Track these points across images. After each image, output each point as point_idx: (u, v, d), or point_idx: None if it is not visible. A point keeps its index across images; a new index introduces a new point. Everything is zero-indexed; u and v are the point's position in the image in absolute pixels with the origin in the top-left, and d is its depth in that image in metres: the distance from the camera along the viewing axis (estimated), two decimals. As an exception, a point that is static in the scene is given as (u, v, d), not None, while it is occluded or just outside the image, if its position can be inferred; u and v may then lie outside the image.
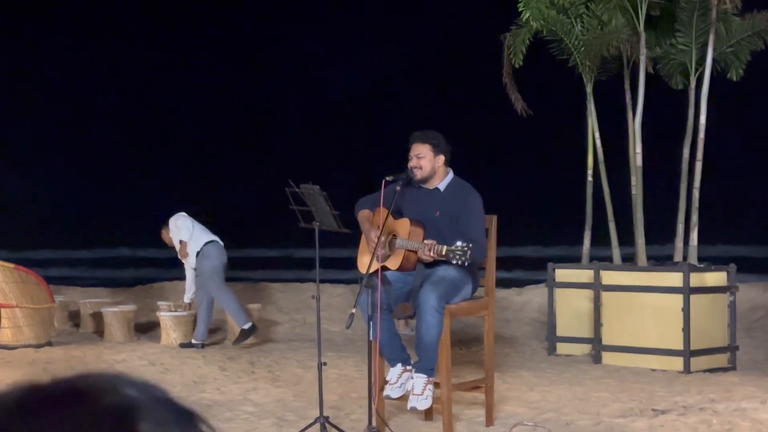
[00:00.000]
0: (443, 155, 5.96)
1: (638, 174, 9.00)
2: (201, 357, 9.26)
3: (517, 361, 9.10)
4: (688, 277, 8.33)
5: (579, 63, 9.31)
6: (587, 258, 9.61)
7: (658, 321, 8.48)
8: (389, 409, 6.30)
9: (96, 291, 13.44)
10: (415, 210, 5.90)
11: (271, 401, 7.15)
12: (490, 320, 6.11)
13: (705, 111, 8.88)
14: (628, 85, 9.33)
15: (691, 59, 9.04)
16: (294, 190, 6.01)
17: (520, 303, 12.54)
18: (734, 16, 8.99)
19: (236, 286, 13.26)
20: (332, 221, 5.95)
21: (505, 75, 9.68)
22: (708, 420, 6.25)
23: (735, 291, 8.74)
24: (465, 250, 5.42)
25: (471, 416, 6.37)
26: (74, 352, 9.74)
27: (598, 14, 9.14)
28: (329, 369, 8.40)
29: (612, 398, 7.12)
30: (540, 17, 9.13)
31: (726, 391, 7.34)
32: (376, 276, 5.62)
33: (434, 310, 5.62)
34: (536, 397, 7.19)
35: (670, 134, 9.56)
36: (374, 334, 5.64)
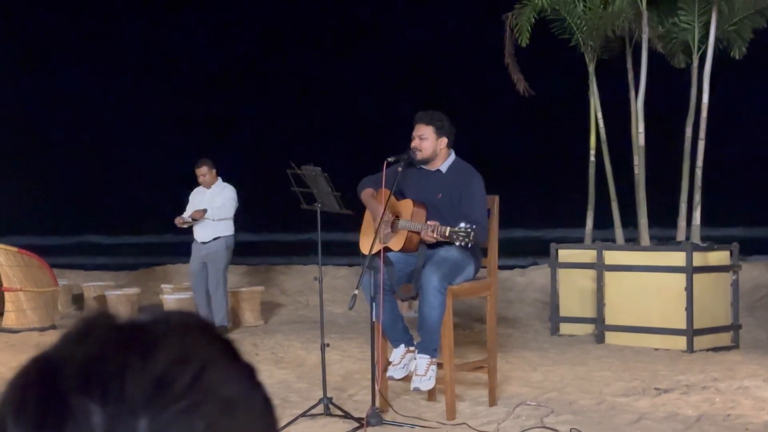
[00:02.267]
0: (446, 137, 5.94)
1: (641, 153, 8.98)
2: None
3: (520, 342, 9.11)
4: (691, 256, 8.32)
5: (581, 42, 9.27)
6: (590, 238, 9.60)
7: (661, 300, 8.48)
8: (393, 389, 6.32)
9: (100, 274, 13.45)
10: (417, 191, 5.90)
11: (275, 383, 7.16)
12: (492, 301, 6.11)
13: (707, 90, 8.85)
14: (631, 64, 9.28)
15: (693, 38, 9.00)
16: (295, 171, 6.00)
17: (523, 284, 12.55)
18: (737, -6, 8.94)
19: (239, 269, 13.31)
20: (334, 202, 5.95)
21: (507, 55, 9.63)
22: (711, 398, 6.26)
23: (738, 270, 8.73)
24: (468, 231, 5.42)
25: (474, 396, 6.38)
26: (78, 335, 9.75)
27: (600, -7, 9.09)
28: (332, 350, 8.43)
29: (615, 377, 7.13)
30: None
31: (729, 369, 7.35)
32: (378, 257, 5.62)
33: (436, 290, 5.62)
34: (539, 377, 7.20)
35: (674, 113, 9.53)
36: (377, 315, 5.65)
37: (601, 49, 9.34)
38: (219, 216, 9.61)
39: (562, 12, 9.17)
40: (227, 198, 9.69)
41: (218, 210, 9.61)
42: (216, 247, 9.57)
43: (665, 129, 9.90)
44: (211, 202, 9.66)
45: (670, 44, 9.30)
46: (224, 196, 9.72)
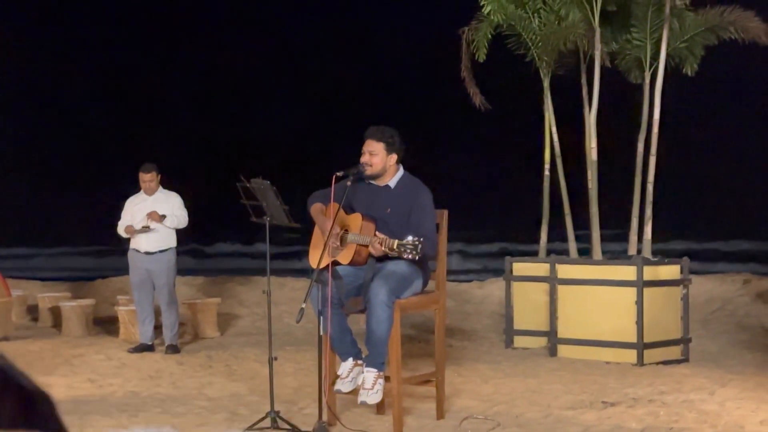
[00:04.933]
0: (396, 154, 5.97)
1: (593, 168, 9.09)
2: (159, 352, 9.24)
3: (474, 354, 9.17)
4: (642, 270, 8.42)
5: (536, 57, 9.38)
6: (544, 252, 9.69)
7: (612, 314, 8.57)
8: (342, 403, 6.33)
9: (56, 285, 13.35)
10: (366, 206, 5.92)
11: (226, 396, 7.16)
12: (441, 314, 6.15)
13: (659, 105, 8.98)
14: (585, 79, 9.40)
15: (645, 54, 9.14)
16: (245, 184, 6.01)
17: (480, 296, 12.63)
18: (688, 12, 9.10)
19: (197, 280, 13.27)
20: (283, 216, 5.96)
21: (464, 69, 9.74)
22: (655, 412, 6.33)
23: (688, 284, 8.85)
24: (416, 244, 5.45)
25: (423, 410, 6.41)
26: (31, 346, 9.69)
27: (555, 9, 9.22)
28: (286, 363, 8.46)
29: (564, 390, 7.20)
30: (500, 11, 9.18)
31: (677, 382, 7.44)
32: (327, 271, 5.64)
33: (384, 304, 5.64)
34: (489, 390, 7.25)
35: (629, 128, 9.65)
36: (325, 329, 5.67)
37: (556, 65, 9.45)
38: (180, 225, 9.22)
39: (517, 27, 9.28)
40: (181, 206, 9.25)
41: (178, 219, 9.17)
42: (164, 260, 9.17)
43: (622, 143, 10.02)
44: (153, 210, 9.11)
45: (624, 60, 9.43)
46: (174, 204, 9.23)
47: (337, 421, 5.96)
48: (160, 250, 9.21)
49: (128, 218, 9.27)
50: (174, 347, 9.23)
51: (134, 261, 9.28)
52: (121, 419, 6.32)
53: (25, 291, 12.19)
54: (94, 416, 6.42)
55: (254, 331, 10.87)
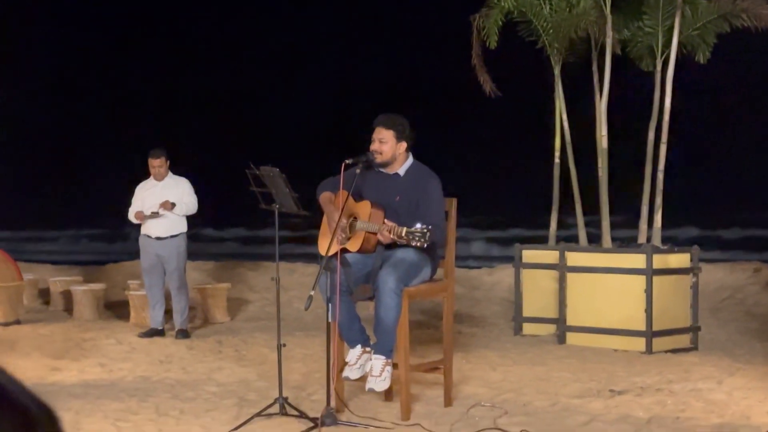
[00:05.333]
0: (405, 142, 5.98)
1: (604, 156, 9.06)
2: (169, 336, 9.29)
3: (483, 341, 9.18)
4: (651, 258, 8.41)
5: (547, 45, 9.34)
6: (554, 239, 9.68)
7: (621, 302, 8.57)
8: (350, 389, 6.37)
9: (68, 269, 13.43)
10: (375, 194, 5.93)
11: (235, 381, 7.20)
12: (449, 302, 6.16)
13: (670, 93, 8.94)
14: (596, 67, 9.37)
15: (657, 42, 9.09)
16: (254, 172, 6.03)
17: (490, 283, 12.64)
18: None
19: (207, 265, 13.32)
20: (292, 203, 5.98)
21: (474, 56, 9.70)
22: (663, 401, 6.35)
23: (698, 272, 8.83)
24: (424, 232, 5.47)
25: (431, 397, 6.43)
26: (42, 330, 9.76)
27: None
28: (295, 348, 8.50)
29: (572, 378, 7.21)
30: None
31: (685, 371, 7.44)
32: (335, 258, 5.66)
33: (392, 292, 5.66)
34: (498, 378, 7.27)
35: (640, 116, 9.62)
36: (333, 316, 5.69)
37: (567, 52, 9.41)
38: (189, 212, 9.26)
39: (528, 14, 9.24)
40: (190, 193, 9.27)
41: (187, 206, 9.22)
42: (175, 245, 9.20)
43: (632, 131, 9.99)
44: (163, 196, 9.15)
45: (636, 48, 9.38)
46: (184, 190, 9.25)
47: (345, 407, 6.00)
48: (171, 235, 9.24)
49: (138, 204, 9.29)
50: (184, 332, 9.28)
51: (145, 246, 9.31)
52: (131, 404, 6.37)
53: (37, 275, 12.26)
54: (104, 401, 6.47)
55: (264, 316, 10.90)
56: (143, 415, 6.06)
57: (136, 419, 5.95)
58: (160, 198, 9.18)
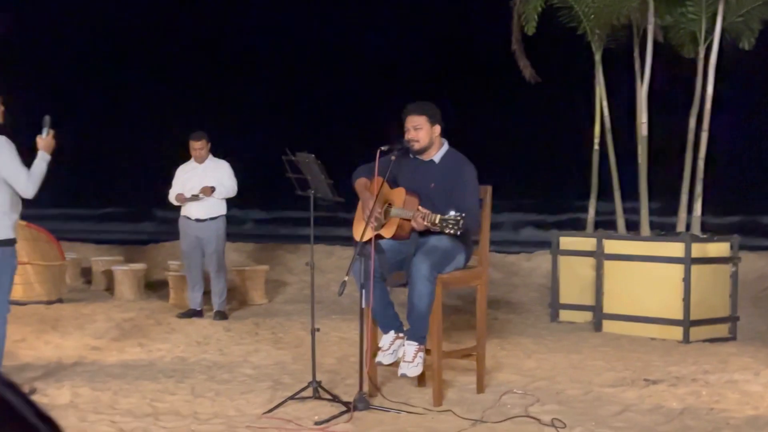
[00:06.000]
0: (439, 125, 6.00)
1: (643, 144, 8.99)
2: (208, 317, 9.40)
3: (519, 328, 9.18)
4: (690, 247, 8.35)
5: (589, 31, 9.27)
6: (592, 226, 9.64)
7: (659, 291, 8.52)
8: (383, 374, 6.41)
9: (110, 249, 13.61)
10: (411, 181, 5.95)
11: (271, 363, 7.28)
12: (483, 290, 6.17)
13: (713, 81, 8.84)
14: (638, 53, 9.28)
15: (700, 28, 8.99)
16: (290, 158, 6.07)
17: (528, 269, 12.62)
18: (746, -15, 8.92)
19: (247, 246, 13.43)
20: (327, 190, 6.02)
21: (515, 42, 9.67)
22: (698, 391, 6.31)
23: (737, 262, 8.75)
24: (458, 219, 5.47)
25: (464, 383, 6.45)
26: (84, 309, 9.92)
27: (608, -19, 9.08)
28: (331, 332, 8.57)
29: (607, 367, 7.19)
30: (553, -17, 9.09)
31: (721, 362, 7.39)
32: (370, 244, 5.69)
33: (426, 279, 5.69)
34: (532, 365, 7.27)
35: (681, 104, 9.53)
36: (367, 302, 5.73)
37: (608, 38, 9.34)
38: (229, 195, 9.34)
39: (569, 0, 9.16)
40: (230, 176, 9.34)
41: (227, 189, 9.30)
42: (214, 227, 9.27)
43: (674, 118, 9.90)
44: (203, 178, 9.24)
45: (678, 34, 9.29)
46: (224, 173, 9.33)
47: (377, 392, 6.04)
48: (211, 217, 9.33)
49: (179, 187, 9.38)
50: (222, 314, 9.38)
51: (184, 228, 9.41)
52: (168, 384, 6.47)
53: (79, 254, 12.44)
54: (141, 381, 6.58)
55: (302, 298, 10.98)
56: (179, 396, 6.15)
57: (173, 399, 6.05)
58: (201, 180, 9.26)
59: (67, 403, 5.93)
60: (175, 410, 5.80)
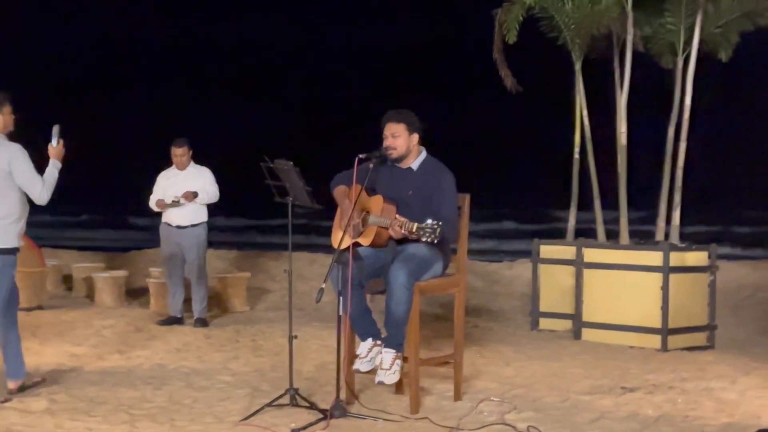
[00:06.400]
0: (417, 134, 6.03)
1: (623, 153, 9.06)
2: (189, 325, 9.39)
3: (499, 336, 9.21)
4: (668, 256, 8.40)
5: (569, 41, 9.33)
6: (572, 234, 9.69)
7: (637, 299, 8.57)
8: (362, 382, 6.43)
9: (92, 255, 13.57)
10: (389, 189, 5.98)
11: (250, 371, 7.28)
12: (461, 298, 6.19)
13: (690, 92, 8.92)
14: (617, 63, 9.35)
15: (679, 39, 9.06)
16: (269, 165, 6.09)
17: (510, 277, 12.66)
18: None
19: (230, 253, 13.42)
20: (305, 197, 6.03)
21: (496, 51, 9.72)
22: (674, 399, 6.35)
23: (716, 270, 8.81)
24: (435, 227, 5.51)
25: (442, 390, 6.47)
26: (64, 316, 9.89)
27: (588, -8, 9.15)
28: (311, 339, 8.58)
29: (585, 375, 7.23)
30: (533, -7, 9.15)
31: (699, 370, 7.43)
32: (348, 251, 5.71)
33: (403, 286, 5.71)
34: (511, 373, 7.30)
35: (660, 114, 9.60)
36: (344, 309, 5.75)
37: (588, 48, 9.40)
38: (211, 201, 9.34)
39: (550, 10, 9.23)
40: (212, 182, 9.34)
41: (209, 195, 9.29)
42: (196, 234, 9.28)
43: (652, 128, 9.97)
44: (185, 184, 9.23)
45: (657, 45, 9.37)
46: (206, 179, 9.33)
47: (355, 399, 6.06)
48: (192, 224, 9.33)
49: (160, 192, 9.38)
50: (202, 321, 9.38)
51: (166, 235, 9.41)
52: (146, 392, 6.46)
53: (60, 260, 12.40)
54: (120, 388, 6.57)
55: (283, 306, 10.96)
56: (156, 403, 6.15)
57: (150, 407, 6.04)
58: (182, 187, 9.27)
59: (44, 410, 5.91)
60: (152, 417, 5.79)
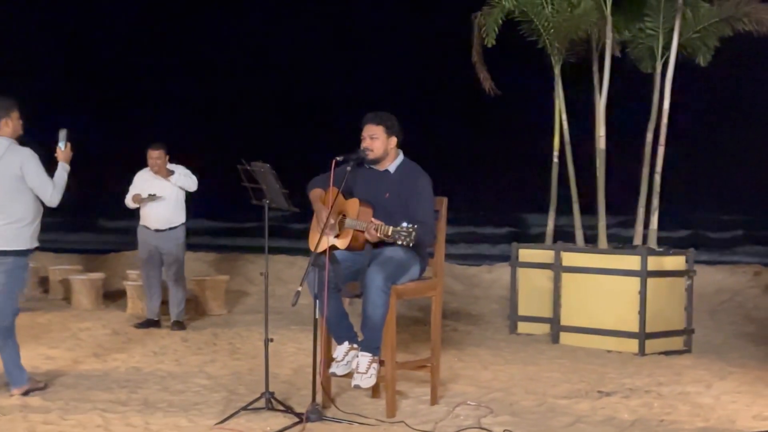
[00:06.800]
0: (396, 137, 6.02)
1: (601, 157, 9.07)
2: (166, 327, 9.33)
3: (477, 339, 9.20)
4: (646, 260, 8.42)
5: (548, 45, 9.34)
6: (551, 238, 9.70)
7: (615, 303, 8.58)
8: (338, 385, 6.41)
9: (69, 257, 13.48)
10: (366, 191, 5.96)
11: (227, 374, 7.24)
12: (438, 301, 6.18)
13: (669, 96, 8.94)
14: (597, 67, 9.37)
15: (658, 44, 9.09)
16: (245, 167, 6.06)
17: (489, 281, 12.66)
18: (703, 2, 9.05)
19: (208, 256, 13.37)
20: (282, 200, 6.01)
21: (475, 53, 9.72)
22: (650, 403, 6.36)
23: (693, 275, 8.83)
24: (410, 231, 5.50)
25: (418, 394, 6.46)
26: (40, 318, 9.82)
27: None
28: (288, 343, 8.54)
29: (562, 379, 7.23)
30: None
31: (676, 374, 7.45)
32: (324, 255, 5.69)
33: (380, 290, 5.69)
34: (488, 376, 7.29)
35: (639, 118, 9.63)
36: (321, 312, 5.73)
37: (568, 52, 9.41)
38: (188, 185, 9.16)
39: (530, 14, 9.24)
40: (188, 173, 9.22)
41: (185, 178, 9.13)
42: (174, 237, 9.23)
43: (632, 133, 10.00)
44: (161, 183, 9.15)
45: (637, 49, 9.39)
46: (181, 171, 9.22)
47: (331, 403, 6.03)
48: (170, 227, 9.27)
49: (136, 191, 9.29)
50: (180, 324, 9.33)
51: (143, 237, 9.35)
52: (120, 395, 6.42)
53: (37, 263, 12.29)
54: (94, 391, 6.52)
55: (261, 309, 10.77)
56: (131, 407, 6.10)
57: (124, 410, 6.00)
58: (158, 185, 9.15)
59: (17, 413, 5.86)
60: (126, 421, 5.75)
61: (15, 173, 6.14)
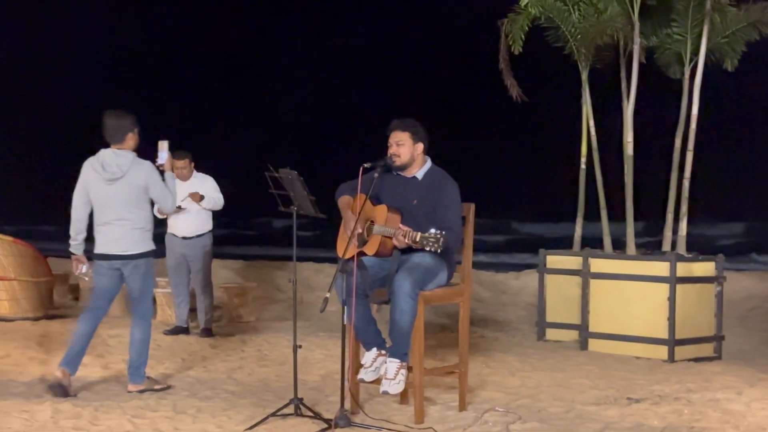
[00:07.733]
0: (422, 143, 6.03)
1: (629, 163, 9.03)
2: (194, 334, 9.38)
3: (505, 346, 9.18)
4: (675, 266, 8.37)
5: (575, 50, 9.33)
6: (578, 245, 9.66)
7: (644, 310, 8.54)
8: (367, 391, 6.41)
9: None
10: (393, 198, 5.98)
11: (254, 381, 7.27)
12: (465, 307, 6.18)
13: (698, 101, 8.90)
14: (624, 73, 9.34)
15: (686, 49, 9.06)
16: (273, 174, 6.09)
17: (517, 287, 12.66)
18: (730, 7, 9.00)
19: (236, 263, 13.43)
20: (309, 206, 6.03)
21: (502, 60, 9.72)
22: (679, 410, 6.32)
23: (723, 281, 8.77)
24: (438, 237, 5.50)
25: (446, 400, 6.46)
26: (70, 325, 9.87)
27: (594, 2, 9.16)
28: (317, 349, 8.57)
29: (591, 385, 7.20)
30: (538, 3, 9.15)
31: (705, 380, 7.40)
32: (352, 261, 5.71)
33: (408, 296, 5.70)
34: (516, 383, 7.27)
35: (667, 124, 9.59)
36: (349, 319, 5.74)
37: (594, 58, 9.39)
38: (216, 206, 9.24)
39: (556, 20, 9.23)
40: (216, 189, 9.28)
41: (215, 200, 9.19)
42: (200, 244, 9.28)
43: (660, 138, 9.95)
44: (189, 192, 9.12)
45: (664, 55, 9.36)
46: (210, 187, 9.27)
47: (359, 409, 6.04)
48: (197, 234, 9.32)
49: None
50: (208, 331, 9.37)
51: (171, 245, 9.40)
52: (150, 401, 6.46)
53: (67, 270, 12.39)
54: (123, 397, 6.58)
55: (289, 316, 10.94)
56: (161, 413, 6.14)
57: (153, 416, 6.04)
58: (184, 193, 9.13)
59: (47, 419, 5.91)
60: (155, 427, 5.79)
61: (140, 184, 6.65)
